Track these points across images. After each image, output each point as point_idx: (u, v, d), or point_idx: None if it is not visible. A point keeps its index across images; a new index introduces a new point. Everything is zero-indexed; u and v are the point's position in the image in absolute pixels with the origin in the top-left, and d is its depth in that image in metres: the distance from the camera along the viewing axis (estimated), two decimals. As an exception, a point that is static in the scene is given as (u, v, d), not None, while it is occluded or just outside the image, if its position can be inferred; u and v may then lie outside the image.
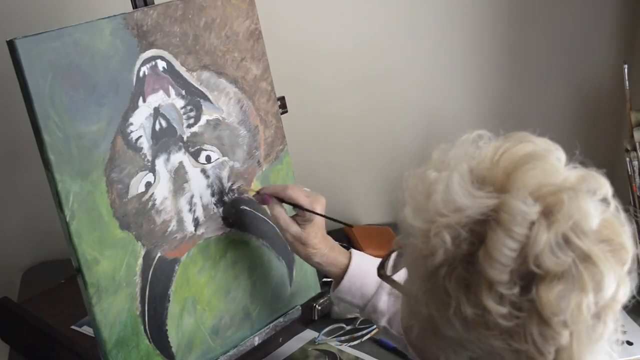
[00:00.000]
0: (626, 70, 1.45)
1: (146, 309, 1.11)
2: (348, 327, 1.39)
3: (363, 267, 1.12)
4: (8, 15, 1.39)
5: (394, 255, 0.85)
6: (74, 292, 1.07)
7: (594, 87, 1.73)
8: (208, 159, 1.18)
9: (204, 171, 1.18)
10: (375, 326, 1.37)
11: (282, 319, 1.32)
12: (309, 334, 1.38)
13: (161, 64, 1.12)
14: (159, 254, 1.12)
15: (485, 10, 1.62)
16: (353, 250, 1.16)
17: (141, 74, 1.09)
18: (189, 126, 1.16)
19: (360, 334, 1.37)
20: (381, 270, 0.86)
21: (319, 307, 1.38)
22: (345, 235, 1.66)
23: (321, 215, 1.13)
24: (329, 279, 1.44)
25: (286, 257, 1.32)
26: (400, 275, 0.83)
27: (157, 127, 1.11)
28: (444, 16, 1.62)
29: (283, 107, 1.30)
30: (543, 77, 1.71)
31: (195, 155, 1.17)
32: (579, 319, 0.66)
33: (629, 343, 1.37)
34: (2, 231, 1.60)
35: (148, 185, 1.10)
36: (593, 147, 1.81)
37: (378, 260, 0.86)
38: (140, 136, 1.09)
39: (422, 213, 0.71)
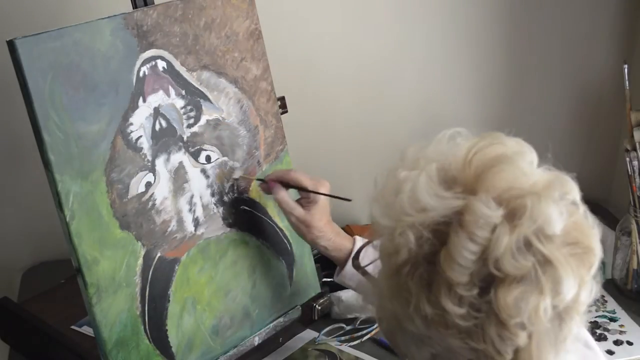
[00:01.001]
0: (626, 70, 1.45)
1: (146, 309, 1.11)
2: (348, 327, 1.39)
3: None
4: (8, 15, 1.39)
5: (369, 246, 0.86)
6: (74, 292, 1.07)
7: (594, 87, 1.73)
8: (208, 159, 1.18)
9: (204, 171, 1.18)
10: (375, 326, 1.38)
11: (282, 319, 1.32)
12: (309, 334, 1.38)
13: (161, 64, 1.12)
14: (159, 254, 1.12)
15: (485, 10, 1.62)
16: (357, 237, 1.18)
17: (141, 74, 1.09)
18: (189, 126, 1.16)
19: (360, 334, 1.37)
20: (355, 260, 0.87)
21: (319, 307, 1.37)
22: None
23: (324, 194, 1.13)
24: (329, 279, 1.44)
25: (286, 257, 1.32)
26: (372, 267, 0.84)
27: (157, 127, 1.11)
28: (443, 16, 1.62)
29: (283, 107, 1.30)
30: (543, 77, 1.71)
31: (195, 155, 1.17)
32: (537, 321, 0.67)
33: (629, 343, 1.38)
34: (2, 231, 1.60)
35: (148, 185, 1.10)
36: (593, 147, 1.81)
37: None
38: (140, 136, 1.09)
39: (389, 211, 0.73)
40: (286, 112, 1.31)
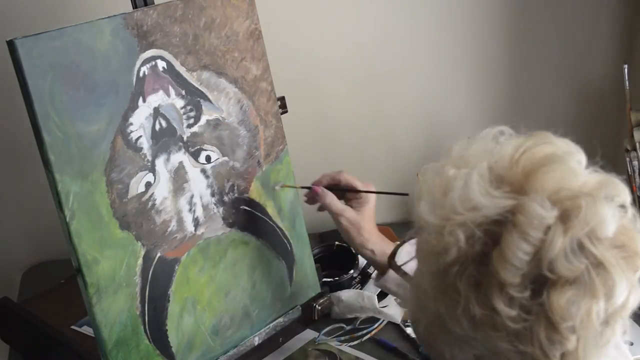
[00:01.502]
0: (626, 70, 1.45)
1: (146, 309, 1.11)
2: (348, 327, 1.39)
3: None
4: (8, 15, 1.39)
5: (405, 245, 0.84)
6: (74, 292, 1.07)
7: (594, 87, 1.73)
8: (208, 159, 1.18)
9: (203, 171, 1.18)
10: (375, 326, 1.38)
11: (282, 319, 1.32)
12: (309, 334, 1.38)
13: (161, 64, 1.12)
14: (159, 254, 1.12)
15: (485, 11, 1.62)
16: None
17: (141, 74, 1.09)
18: (189, 126, 1.16)
19: (360, 334, 1.37)
20: (391, 259, 0.85)
21: (319, 307, 1.37)
22: (345, 235, 1.66)
23: (378, 192, 1.13)
24: (329, 279, 1.44)
25: (286, 257, 1.32)
26: (410, 266, 0.82)
27: (157, 127, 1.11)
28: (444, 17, 1.62)
29: (283, 107, 1.30)
30: (543, 77, 1.71)
31: (195, 155, 1.17)
32: (588, 325, 0.66)
33: (630, 343, 1.38)
34: (2, 231, 1.60)
35: (148, 185, 1.10)
36: (593, 147, 1.81)
37: None
38: (140, 136, 1.09)
39: (437, 209, 0.71)
40: (286, 112, 1.31)
